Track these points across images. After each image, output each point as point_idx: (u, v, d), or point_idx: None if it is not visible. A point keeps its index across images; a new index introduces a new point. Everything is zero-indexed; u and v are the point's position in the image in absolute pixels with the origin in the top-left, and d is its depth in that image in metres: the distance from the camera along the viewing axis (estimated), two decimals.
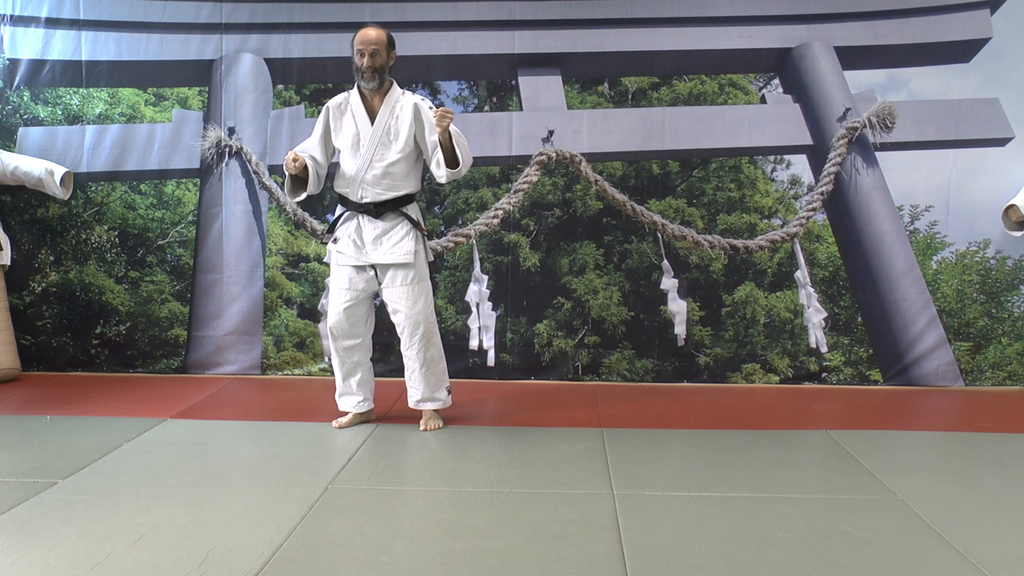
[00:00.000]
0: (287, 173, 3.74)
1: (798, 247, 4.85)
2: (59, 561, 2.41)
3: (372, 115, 3.71)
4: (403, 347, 3.82)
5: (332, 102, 3.79)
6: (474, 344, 4.87)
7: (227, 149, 4.91)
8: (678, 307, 4.87)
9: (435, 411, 3.90)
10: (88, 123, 4.92)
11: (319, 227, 4.93)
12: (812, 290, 4.85)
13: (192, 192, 4.97)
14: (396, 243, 3.70)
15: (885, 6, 4.76)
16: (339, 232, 3.77)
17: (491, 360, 4.88)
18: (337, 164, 3.81)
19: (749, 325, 4.88)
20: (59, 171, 4.67)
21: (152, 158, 4.93)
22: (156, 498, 2.91)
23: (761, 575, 2.39)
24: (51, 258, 4.97)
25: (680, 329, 4.87)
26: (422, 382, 3.82)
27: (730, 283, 4.89)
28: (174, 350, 4.98)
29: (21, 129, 4.91)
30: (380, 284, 3.77)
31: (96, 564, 2.39)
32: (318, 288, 4.96)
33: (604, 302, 4.90)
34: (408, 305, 3.73)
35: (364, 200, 3.70)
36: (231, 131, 4.91)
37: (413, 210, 3.77)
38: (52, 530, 2.63)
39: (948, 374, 4.78)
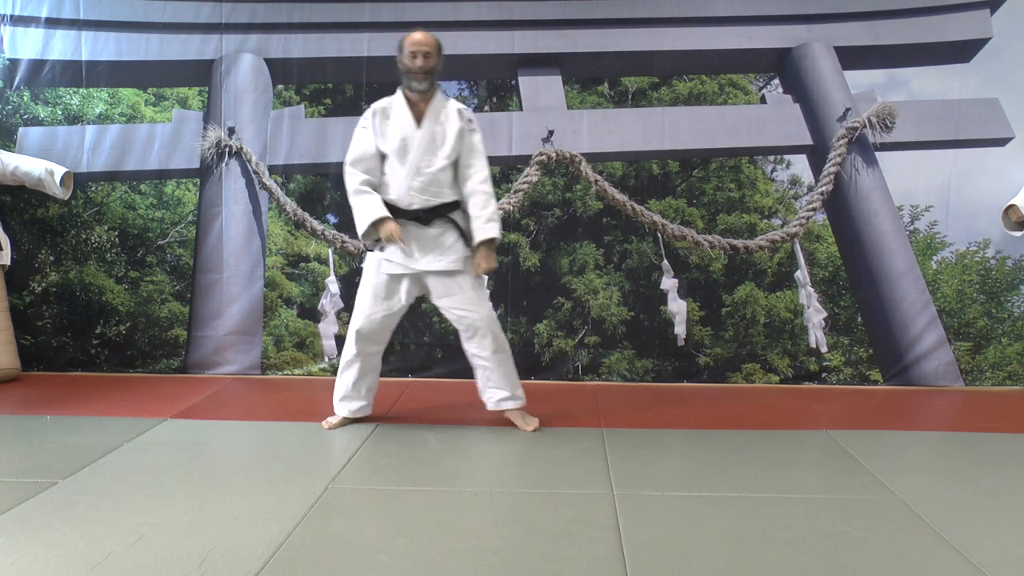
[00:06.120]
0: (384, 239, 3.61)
1: (798, 247, 4.85)
2: (59, 561, 2.41)
3: (418, 120, 3.63)
4: (473, 351, 3.79)
5: (376, 106, 3.66)
6: None
7: (227, 149, 4.91)
8: (678, 307, 4.87)
9: (522, 410, 3.88)
10: (88, 123, 4.92)
11: (319, 227, 4.93)
12: (812, 290, 4.84)
13: (192, 192, 4.97)
14: (447, 249, 3.65)
15: (885, 6, 4.77)
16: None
17: None
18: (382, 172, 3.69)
19: (749, 325, 4.87)
20: (59, 171, 4.67)
21: (152, 158, 4.93)
22: (156, 498, 2.91)
23: (761, 575, 2.39)
24: (51, 258, 4.97)
25: (680, 329, 4.87)
26: (503, 380, 3.82)
27: (730, 283, 4.89)
28: (174, 350, 4.98)
29: (21, 129, 4.91)
30: (430, 292, 3.73)
31: (96, 564, 2.39)
32: (318, 288, 4.96)
33: (604, 302, 4.90)
34: (476, 309, 3.69)
35: (413, 207, 3.62)
36: (231, 131, 4.90)
37: (460, 217, 3.68)
38: (52, 530, 2.63)
39: (948, 374, 4.78)
